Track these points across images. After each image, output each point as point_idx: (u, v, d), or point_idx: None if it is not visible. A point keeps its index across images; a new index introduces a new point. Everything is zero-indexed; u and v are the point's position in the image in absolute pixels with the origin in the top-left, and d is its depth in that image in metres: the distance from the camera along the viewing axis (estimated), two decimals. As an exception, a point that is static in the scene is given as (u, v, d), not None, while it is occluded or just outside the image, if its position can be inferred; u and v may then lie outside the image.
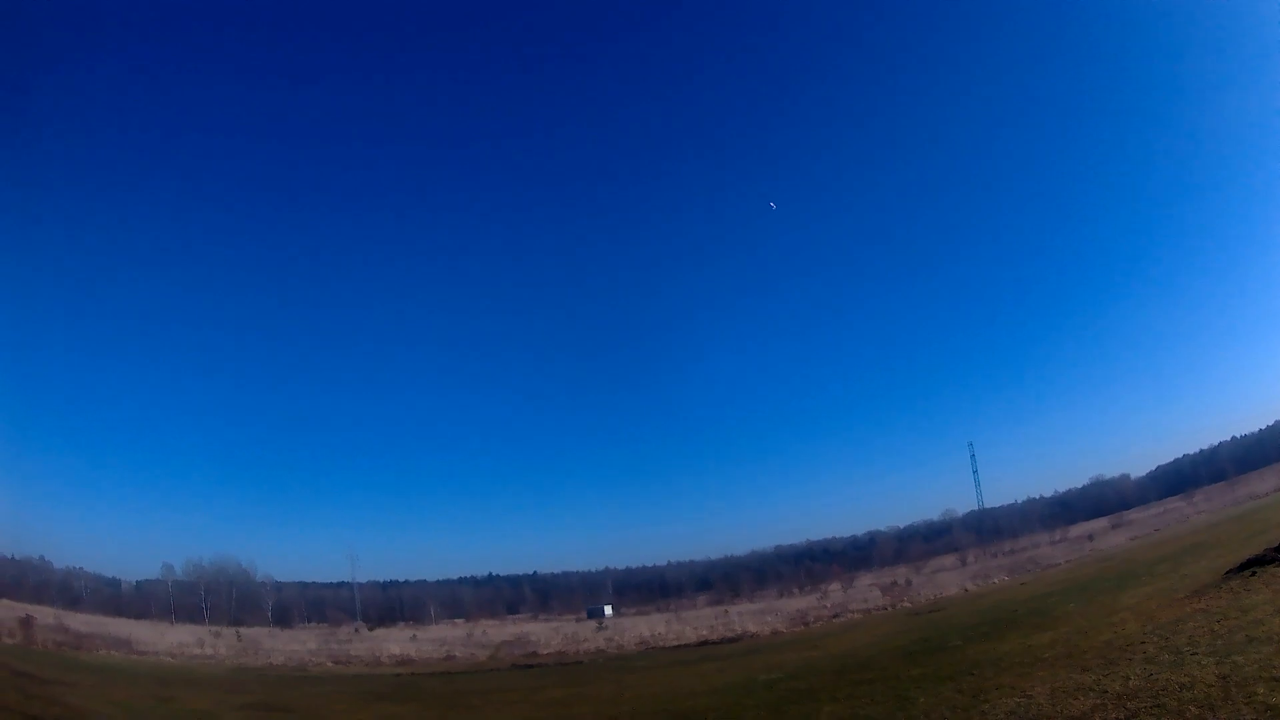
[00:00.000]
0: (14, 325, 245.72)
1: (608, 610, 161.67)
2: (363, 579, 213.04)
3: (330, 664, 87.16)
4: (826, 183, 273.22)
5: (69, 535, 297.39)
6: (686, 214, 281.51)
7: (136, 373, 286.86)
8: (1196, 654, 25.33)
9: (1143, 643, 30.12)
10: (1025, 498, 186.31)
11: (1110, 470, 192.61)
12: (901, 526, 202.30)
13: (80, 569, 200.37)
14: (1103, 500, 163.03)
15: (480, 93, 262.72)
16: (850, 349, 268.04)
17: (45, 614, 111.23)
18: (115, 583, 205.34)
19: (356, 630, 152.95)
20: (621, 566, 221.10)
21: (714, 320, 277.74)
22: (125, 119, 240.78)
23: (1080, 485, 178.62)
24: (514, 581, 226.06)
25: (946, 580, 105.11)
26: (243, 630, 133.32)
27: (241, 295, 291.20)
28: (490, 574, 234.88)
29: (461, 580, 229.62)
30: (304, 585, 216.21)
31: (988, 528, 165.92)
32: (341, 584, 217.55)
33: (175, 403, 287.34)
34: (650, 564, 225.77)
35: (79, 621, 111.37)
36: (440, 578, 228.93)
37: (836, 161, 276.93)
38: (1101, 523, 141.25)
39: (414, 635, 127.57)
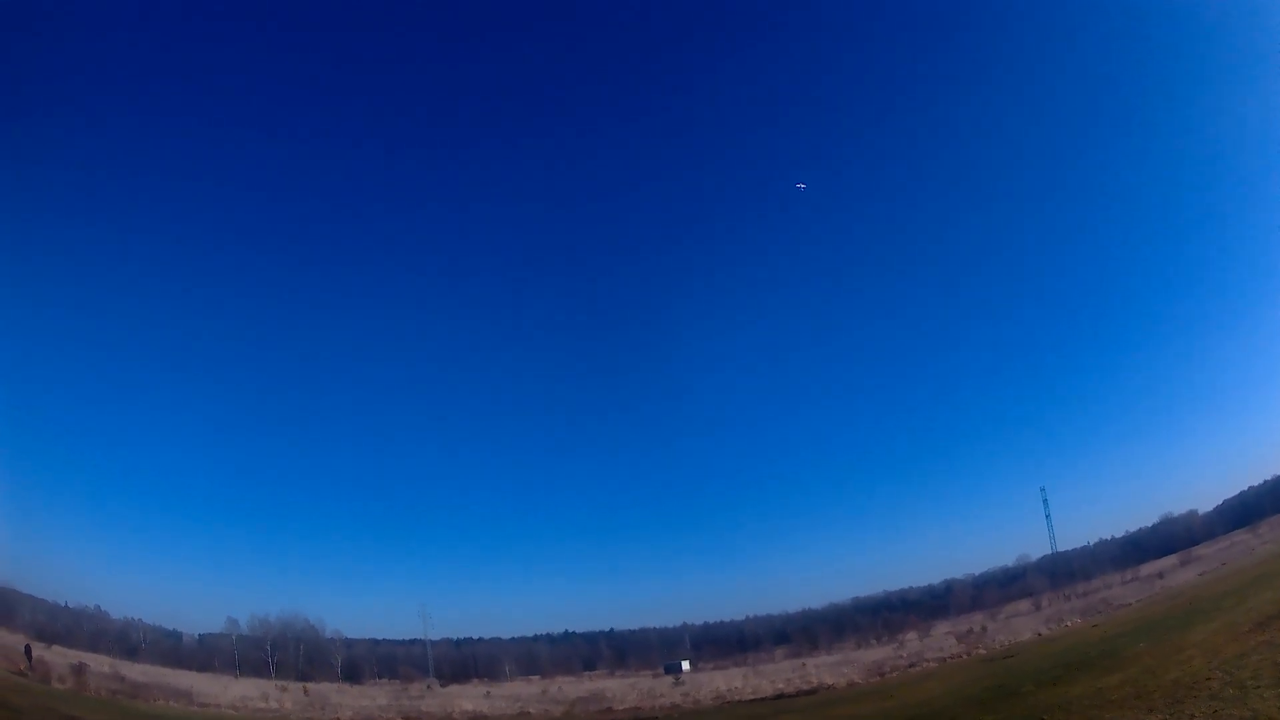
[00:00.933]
0: (76, 375, 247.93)
1: (685, 665, 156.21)
2: (436, 636, 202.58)
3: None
4: (889, 217, 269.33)
5: (128, 586, 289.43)
6: (733, 249, 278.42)
7: (202, 424, 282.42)
8: (1260, 687, 25.33)
9: (1208, 679, 30.06)
10: (1097, 539, 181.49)
11: (1178, 507, 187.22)
12: (977, 574, 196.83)
13: (139, 620, 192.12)
14: (1171, 537, 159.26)
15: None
16: (923, 399, 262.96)
17: (100, 662, 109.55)
18: (176, 635, 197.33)
19: (429, 687, 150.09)
20: (699, 622, 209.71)
21: (787, 371, 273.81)
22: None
23: (1150, 524, 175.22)
24: (591, 638, 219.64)
25: (1021, 625, 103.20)
26: (310, 685, 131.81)
27: (307, 348, 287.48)
28: (566, 631, 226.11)
29: (537, 637, 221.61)
30: (375, 642, 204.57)
31: (1061, 571, 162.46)
32: (414, 641, 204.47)
33: (241, 455, 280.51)
34: (728, 619, 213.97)
35: (136, 672, 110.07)
36: (516, 635, 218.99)
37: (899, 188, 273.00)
38: (1171, 560, 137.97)
39: (488, 692, 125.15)
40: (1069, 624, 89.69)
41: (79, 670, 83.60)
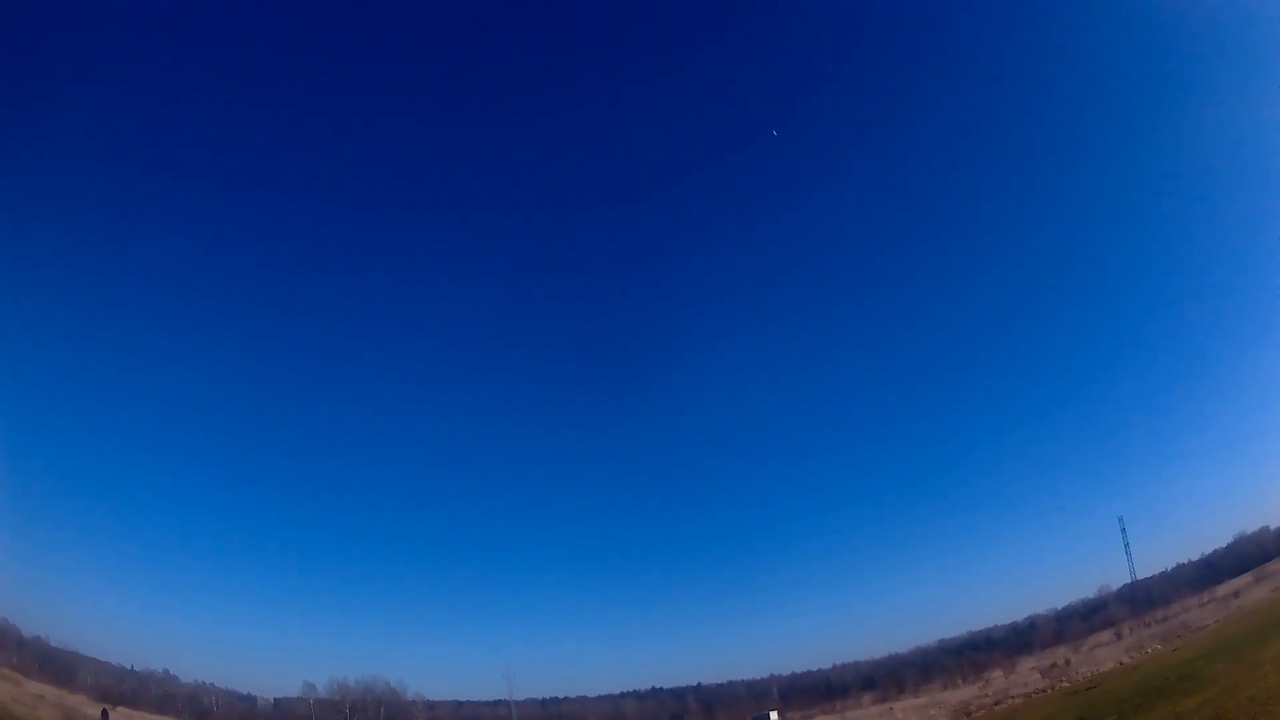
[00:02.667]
0: (147, 440, 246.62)
1: (773, 716, 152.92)
2: (521, 696, 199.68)
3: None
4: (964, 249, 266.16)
5: (200, 650, 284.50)
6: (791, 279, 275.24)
7: (274, 486, 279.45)
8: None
9: (1284, 693, 29.38)
10: (1174, 563, 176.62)
11: (1251, 524, 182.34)
12: (1060, 607, 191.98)
13: (210, 684, 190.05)
14: (1246, 555, 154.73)
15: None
16: (1001, 439, 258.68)
17: None
18: (250, 699, 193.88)
19: None
20: (787, 672, 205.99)
21: (863, 417, 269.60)
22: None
23: (1225, 544, 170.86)
24: (678, 694, 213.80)
25: (1103, 655, 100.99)
26: None
27: (388, 411, 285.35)
28: (654, 687, 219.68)
29: (624, 694, 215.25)
30: (458, 704, 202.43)
31: (1141, 599, 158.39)
32: (499, 701, 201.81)
33: (315, 516, 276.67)
34: (816, 667, 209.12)
35: None
36: (602, 693, 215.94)
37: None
38: (1246, 578, 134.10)
39: None
40: (1149, 650, 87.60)
41: None
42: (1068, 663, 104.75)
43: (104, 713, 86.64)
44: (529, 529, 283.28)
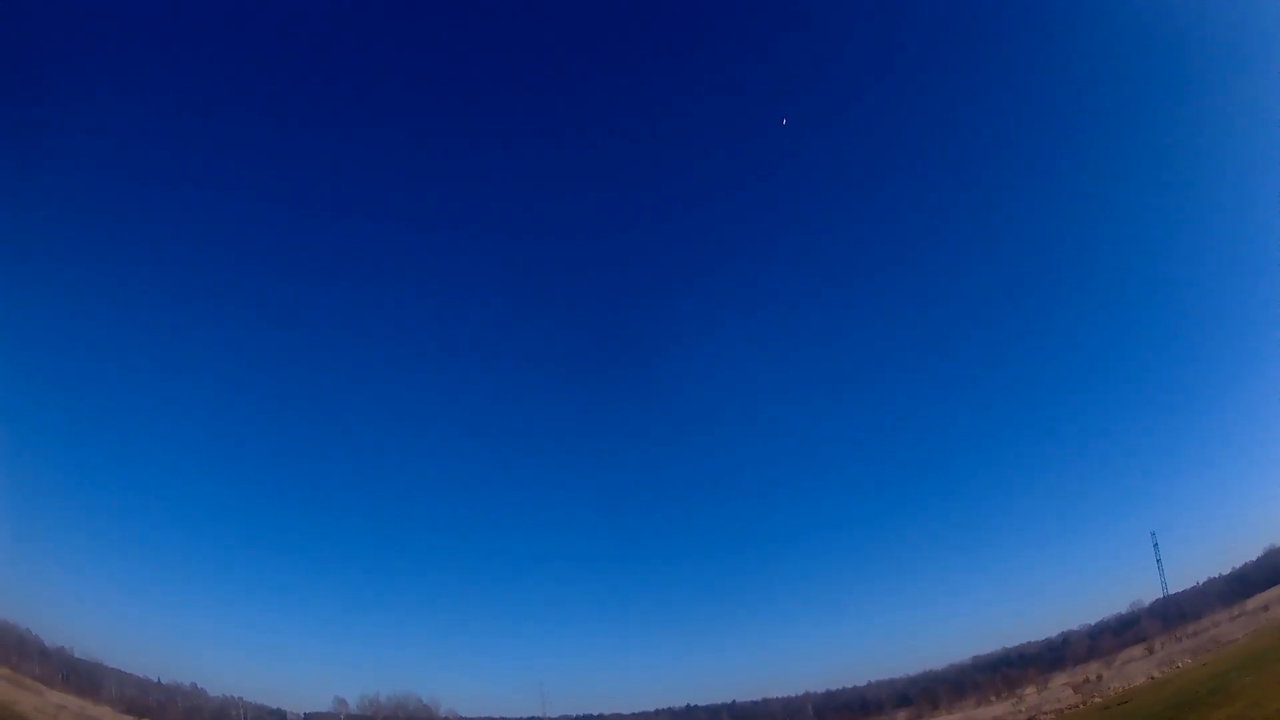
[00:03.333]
0: (173, 449, 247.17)
1: None
2: (555, 713, 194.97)
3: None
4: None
5: (228, 664, 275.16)
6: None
7: (306, 500, 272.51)
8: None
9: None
10: (1205, 577, 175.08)
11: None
12: (1093, 623, 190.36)
13: (239, 698, 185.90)
14: (1276, 569, 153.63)
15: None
16: (1034, 455, 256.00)
17: None
18: (280, 714, 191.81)
19: None
20: (821, 689, 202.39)
21: (899, 430, 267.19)
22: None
23: (1255, 557, 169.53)
24: (713, 711, 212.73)
25: (1135, 670, 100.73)
26: None
27: (412, 422, 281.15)
28: (688, 705, 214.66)
29: (658, 712, 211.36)
30: None
31: (1173, 613, 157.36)
32: (532, 718, 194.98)
33: (348, 530, 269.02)
34: (850, 684, 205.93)
35: None
36: (635, 710, 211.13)
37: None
38: (1276, 591, 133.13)
39: None
40: (1180, 665, 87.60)
41: None
42: (1100, 678, 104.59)
43: None
44: (564, 545, 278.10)
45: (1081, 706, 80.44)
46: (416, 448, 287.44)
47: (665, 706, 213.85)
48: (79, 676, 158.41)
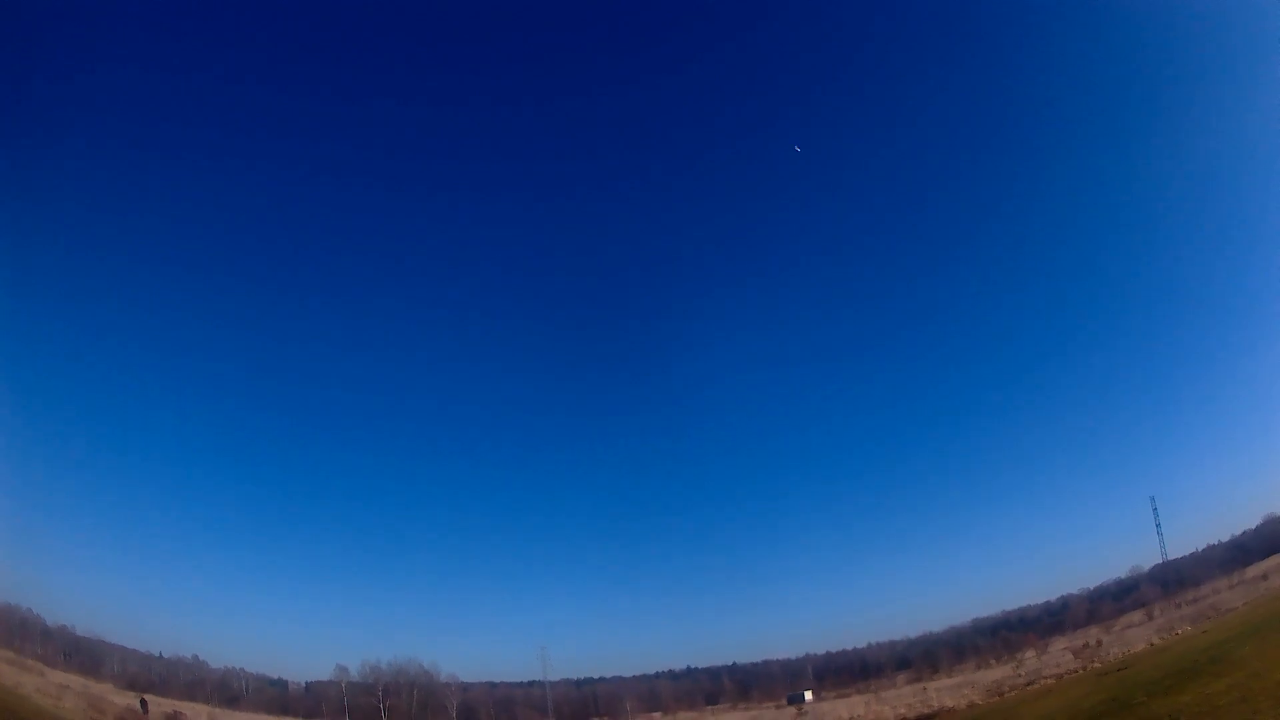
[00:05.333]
0: (168, 428, 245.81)
1: (808, 696, 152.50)
2: (556, 677, 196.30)
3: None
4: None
5: (231, 636, 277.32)
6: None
7: (305, 469, 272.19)
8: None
9: (1310, 680, 28.97)
10: (1205, 544, 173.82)
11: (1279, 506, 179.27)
12: (1092, 587, 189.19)
13: (240, 669, 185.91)
14: (1275, 537, 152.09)
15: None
16: (1033, 420, 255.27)
17: (199, 712, 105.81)
18: (281, 683, 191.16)
19: None
20: (822, 651, 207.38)
21: (895, 399, 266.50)
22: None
23: (1254, 525, 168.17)
24: (713, 673, 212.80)
25: (1134, 636, 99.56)
26: None
27: (419, 394, 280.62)
28: (689, 667, 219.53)
29: (659, 674, 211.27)
30: (492, 685, 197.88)
31: (1172, 579, 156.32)
32: (533, 683, 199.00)
33: (347, 499, 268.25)
34: (851, 646, 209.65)
35: None
36: (637, 673, 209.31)
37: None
38: (1275, 560, 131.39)
39: None
40: (1179, 631, 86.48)
41: (173, 718, 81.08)
42: (1099, 643, 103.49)
43: (142, 702, 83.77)
44: (564, 511, 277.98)
45: (1081, 672, 79.29)
46: (415, 417, 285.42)
47: (666, 669, 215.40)
48: (81, 655, 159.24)
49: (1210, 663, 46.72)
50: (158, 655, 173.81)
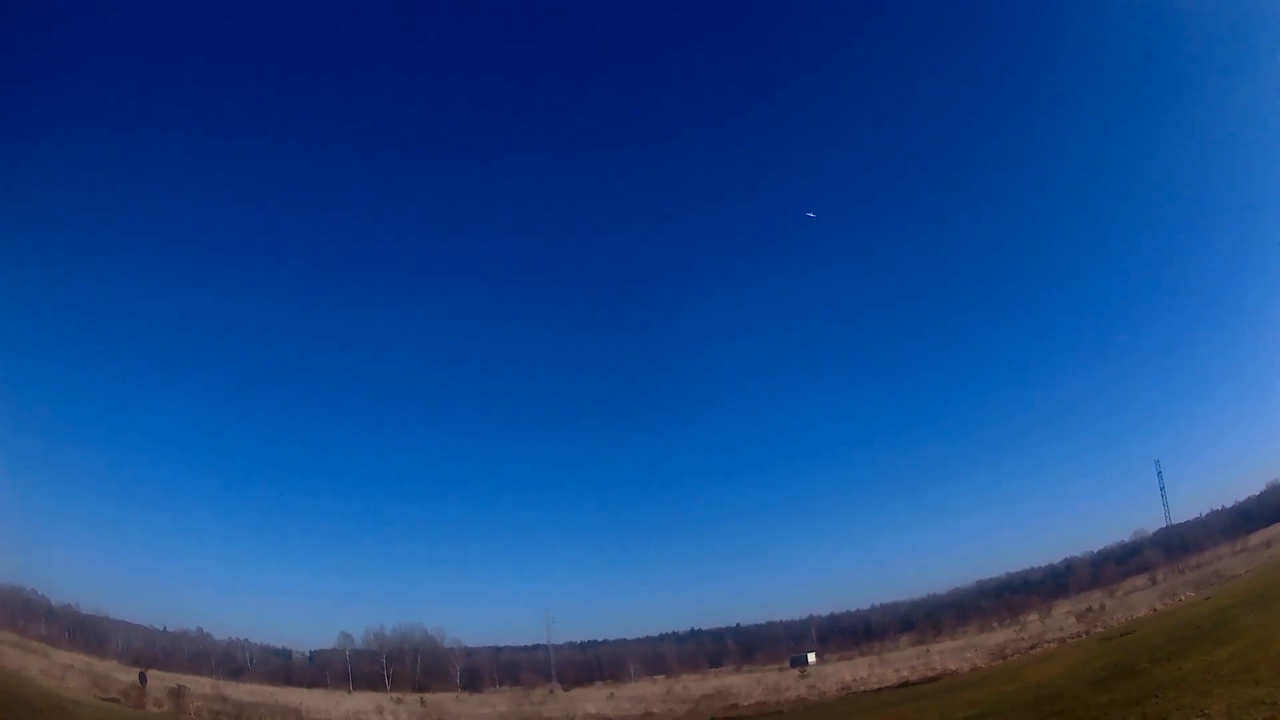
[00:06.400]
0: (165, 396, 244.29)
1: (811, 658, 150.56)
2: (559, 640, 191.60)
3: (520, 726, 76.25)
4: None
5: (234, 609, 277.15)
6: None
7: (300, 438, 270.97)
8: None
9: (1315, 648, 29.01)
10: (1209, 510, 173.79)
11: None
12: (1095, 551, 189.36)
13: (245, 640, 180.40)
14: (1278, 505, 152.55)
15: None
16: (1038, 378, 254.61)
17: (202, 684, 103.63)
18: (285, 653, 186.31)
19: (551, 691, 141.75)
20: (825, 613, 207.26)
21: (898, 357, 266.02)
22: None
23: (1258, 492, 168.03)
24: (717, 635, 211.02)
25: (1137, 601, 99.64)
26: (427, 696, 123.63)
27: (414, 354, 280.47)
28: (692, 629, 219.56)
29: (663, 637, 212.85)
30: (497, 649, 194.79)
31: (1175, 544, 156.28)
32: (537, 646, 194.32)
33: (345, 466, 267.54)
34: (854, 608, 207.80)
35: (241, 692, 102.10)
36: (641, 635, 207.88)
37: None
38: (1278, 528, 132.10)
39: (611, 694, 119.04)
40: (1183, 598, 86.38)
41: (178, 693, 77.68)
42: (1103, 607, 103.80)
43: (141, 676, 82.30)
44: (567, 473, 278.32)
45: (1084, 636, 79.51)
46: (415, 384, 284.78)
47: (670, 632, 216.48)
48: (85, 633, 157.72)
49: (1213, 629, 46.76)
50: (162, 630, 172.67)
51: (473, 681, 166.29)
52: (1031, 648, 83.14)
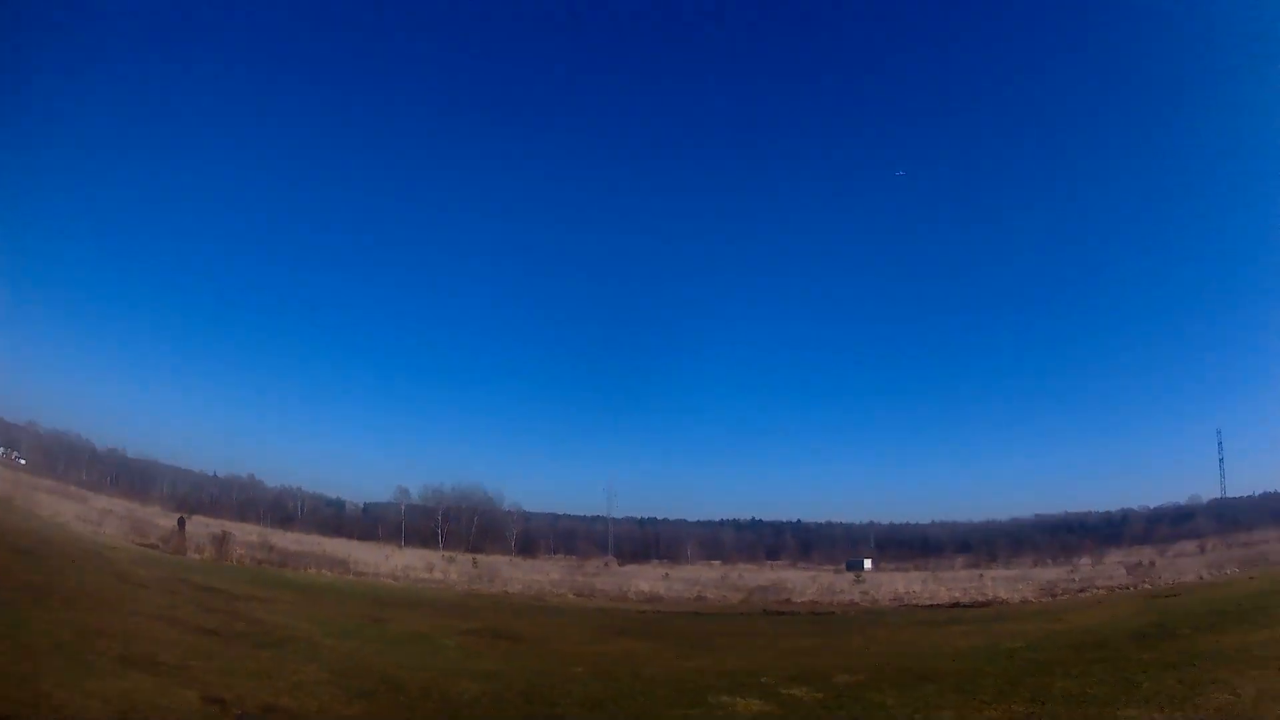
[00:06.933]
0: (232, 240, 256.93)
1: (867, 564, 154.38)
2: (619, 514, 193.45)
3: (571, 596, 77.99)
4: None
5: (290, 456, 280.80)
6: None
7: (377, 293, 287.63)
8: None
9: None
10: (1263, 490, 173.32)
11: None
12: (1151, 507, 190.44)
13: (298, 488, 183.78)
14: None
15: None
16: (1113, 330, 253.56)
17: (249, 531, 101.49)
18: (339, 504, 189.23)
19: (606, 564, 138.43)
20: (885, 522, 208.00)
21: (984, 299, 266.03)
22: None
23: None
24: (777, 528, 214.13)
25: (1185, 566, 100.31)
26: (480, 557, 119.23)
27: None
28: (753, 518, 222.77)
29: (723, 523, 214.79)
30: (555, 517, 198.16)
31: (1227, 517, 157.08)
32: (596, 518, 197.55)
33: (416, 318, 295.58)
34: (913, 521, 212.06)
35: (288, 540, 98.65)
36: (701, 519, 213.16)
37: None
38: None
39: (666, 574, 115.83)
40: (1228, 572, 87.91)
41: (221, 539, 74.16)
42: (1152, 565, 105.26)
43: (180, 521, 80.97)
44: (639, 353, 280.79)
45: (1132, 589, 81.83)
46: (498, 248, 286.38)
47: (731, 518, 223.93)
48: (131, 477, 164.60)
49: (1255, 611, 48.06)
50: (212, 475, 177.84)
51: (528, 547, 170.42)
52: (1081, 590, 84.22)
